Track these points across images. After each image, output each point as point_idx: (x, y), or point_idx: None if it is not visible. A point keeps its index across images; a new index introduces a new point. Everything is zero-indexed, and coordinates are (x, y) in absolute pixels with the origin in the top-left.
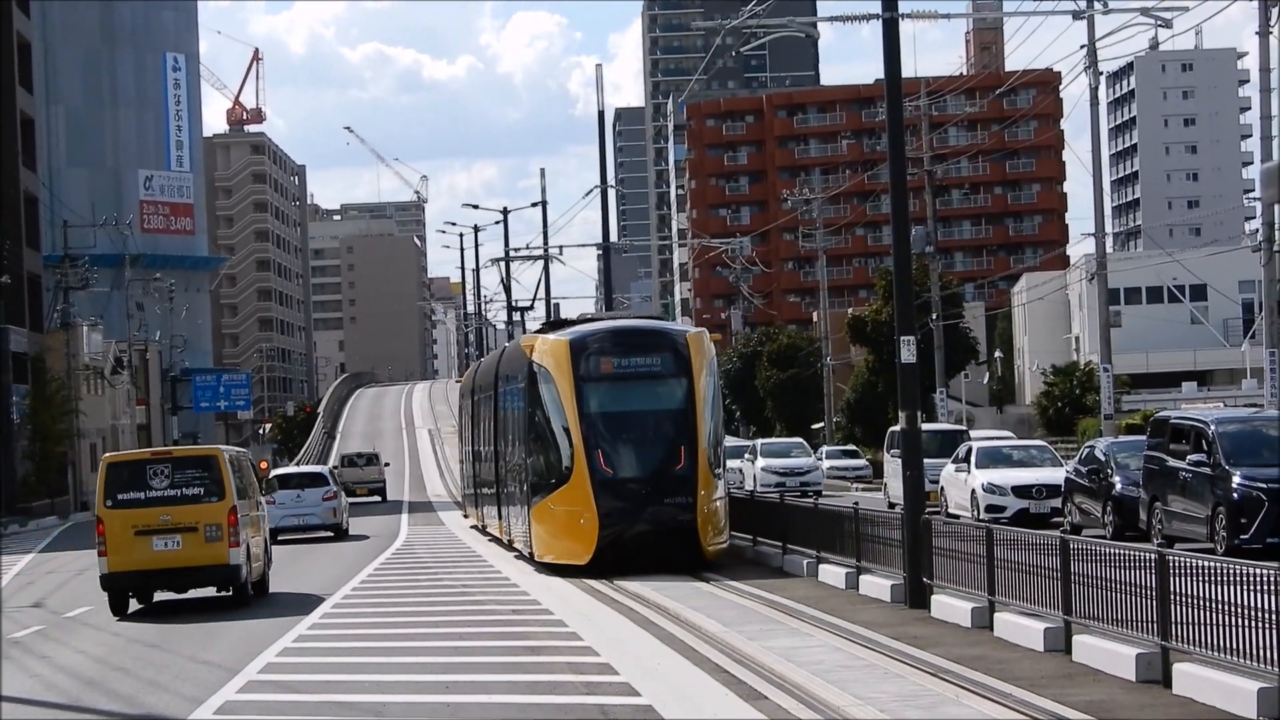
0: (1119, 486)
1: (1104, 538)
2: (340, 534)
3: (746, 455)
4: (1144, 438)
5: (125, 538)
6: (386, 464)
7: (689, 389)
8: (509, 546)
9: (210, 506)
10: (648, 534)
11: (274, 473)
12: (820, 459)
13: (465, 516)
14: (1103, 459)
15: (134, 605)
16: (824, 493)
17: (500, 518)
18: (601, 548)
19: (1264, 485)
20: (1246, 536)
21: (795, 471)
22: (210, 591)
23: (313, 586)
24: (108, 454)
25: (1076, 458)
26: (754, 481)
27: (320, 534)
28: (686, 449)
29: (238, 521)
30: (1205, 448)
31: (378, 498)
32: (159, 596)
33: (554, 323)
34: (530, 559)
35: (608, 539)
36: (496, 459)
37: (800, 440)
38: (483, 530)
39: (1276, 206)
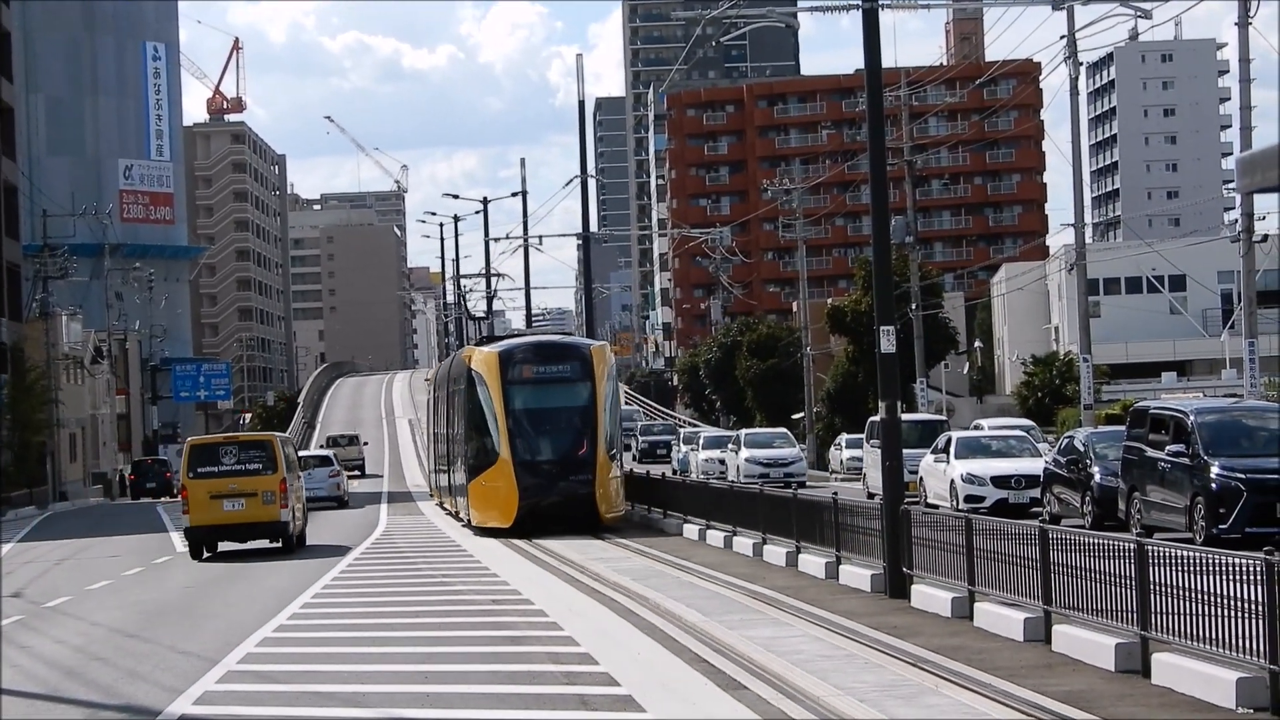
0: (1098, 476)
1: (1083, 528)
2: (342, 504)
3: (730, 446)
4: (1123, 428)
5: (203, 501)
6: (365, 443)
7: (592, 391)
8: (456, 517)
9: (266, 478)
10: (557, 504)
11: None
12: (839, 448)
13: (432, 496)
14: (1082, 449)
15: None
16: (807, 484)
17: (450, 493)
18: (521, 516)
19: (1242, 475)
20: (1225, 526)
21: (779, 462)
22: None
23: (335, 540)
24: (191, 438)
25: (1055, 448)
26: (737, 472)
27: (327, 504)
28: (589, 438)
29: (287, 489)
30: (1184, 438)
31: (358, 472)
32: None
33: (488, 337)
34: (468, 525)
35: (526, 509)
36: (448, 446)
37: (784, 431)
38: (441, 505)
39: (1255, 196)
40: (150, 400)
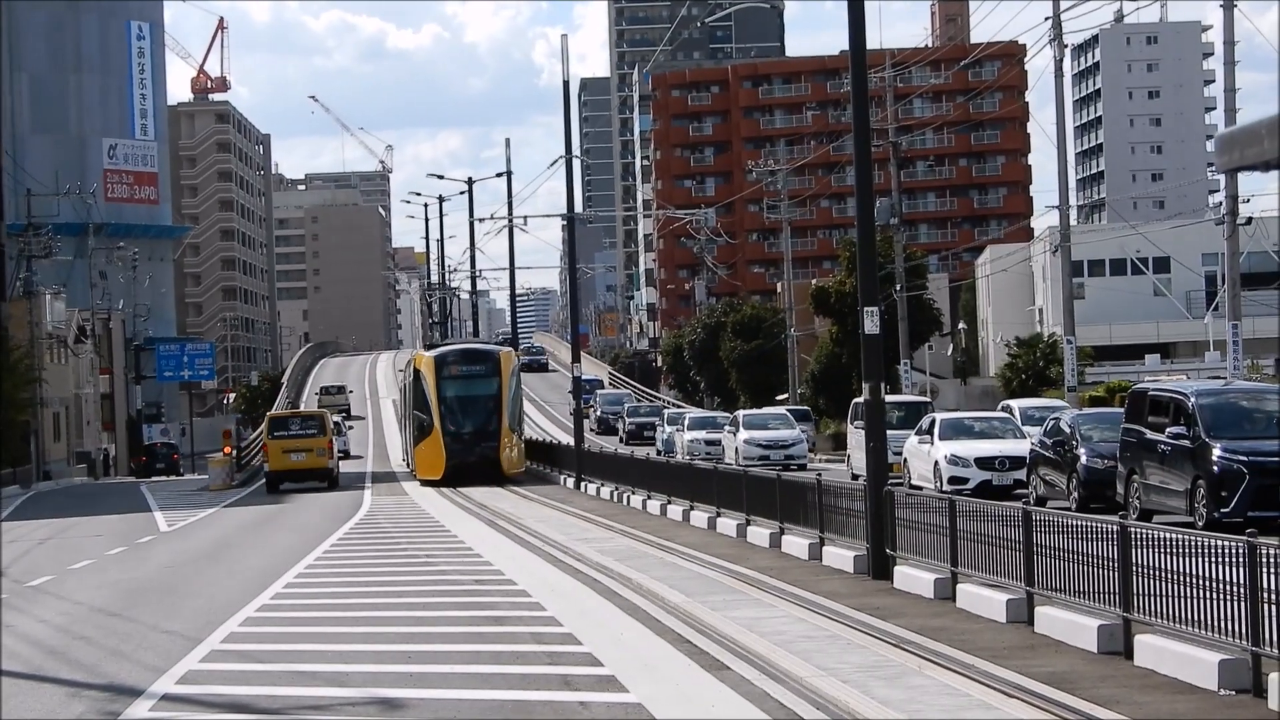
0: (1084, 458)
1: (1069, 510)
2: (347, 455)
3: (728, 427)
4: (1110, 409)
5: (278, 454)
6: (350, 391)
7: (499, 384)
8: (412, 475)
9: (319, 439)
10: (473, 463)
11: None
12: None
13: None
14: (1068, 431)
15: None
16: (808, 466)
17: (406, 455)
18: (448, 472)
19: (1245, 458)
20: (1227, 510)
21: (780, 444)
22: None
23: (352, 481)
24: (270, 412)
25: (1041, 429)
26: (736, 454)
27: (339, 455)
28: (496, 416)
29: (332, 446)
30: (1185, 420)
31: (345, 413)
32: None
33: (431, 345)
34: (414, 477)
35: (451, 467)
36: (405, 422)
37: (783, 411)
38: (407, 466)
39: (1239, 178)
40: (134, 380)
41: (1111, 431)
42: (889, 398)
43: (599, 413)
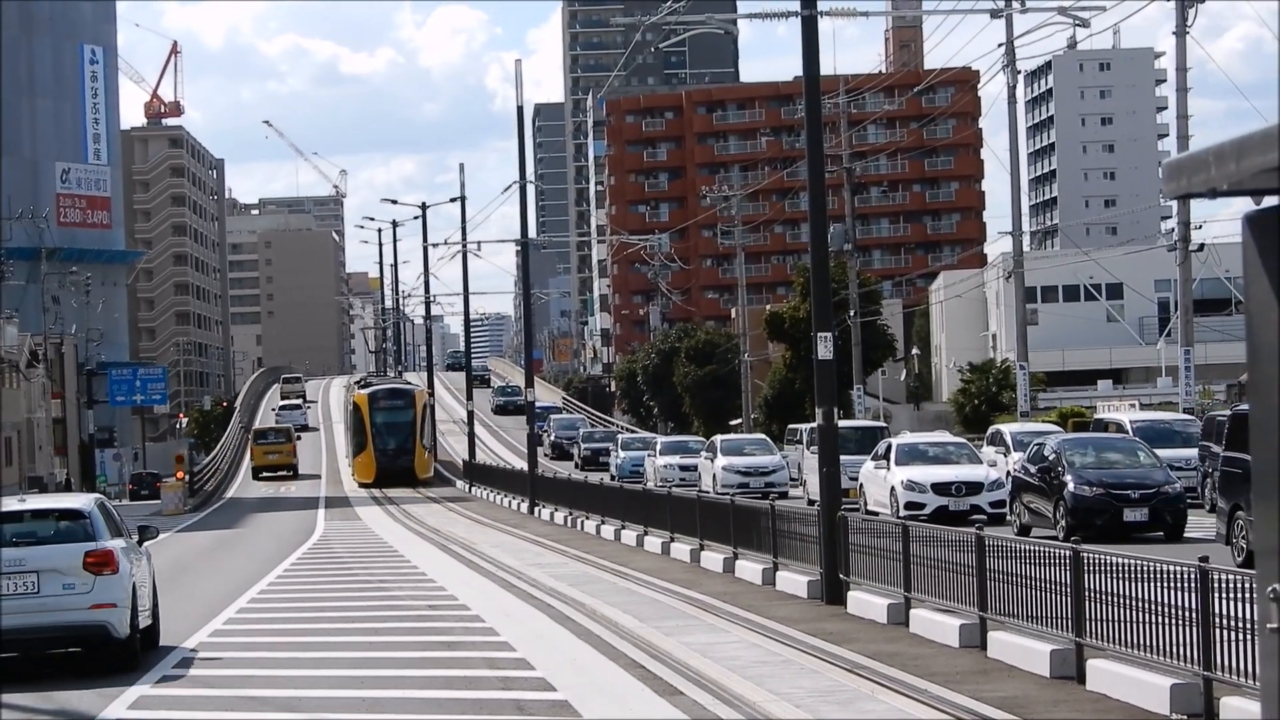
0: (1072, 485)
1: (1056, 539)
2: (306, 429)
3: (704, 453)
4: (1096, 434)
5: (260, 455)
6: (305, 380)
7: (414, 414)
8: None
9: (287, 445)
10: (396, 469)
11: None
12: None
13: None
14: (1052, 457)
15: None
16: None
17: (349, 463)
18: (377, 476)
19: None
20: None
21: (760, 470)
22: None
23: (310, 469)
24: (255, 427)
25: (1025, 455)
26: (714, 481)
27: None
28: (411, 437)
29: (295, 450)
30: None
31: (301, 400)
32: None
33: (363, 383)
34: (355, 481)
35: (379, 473)
36: (347, 442)
37: (763, 437)
38: (350, 469)
39: (1191, 204)
40: (86, 404)
41: (1096, 457)
42: (846, 423)
43: (553, 438)
